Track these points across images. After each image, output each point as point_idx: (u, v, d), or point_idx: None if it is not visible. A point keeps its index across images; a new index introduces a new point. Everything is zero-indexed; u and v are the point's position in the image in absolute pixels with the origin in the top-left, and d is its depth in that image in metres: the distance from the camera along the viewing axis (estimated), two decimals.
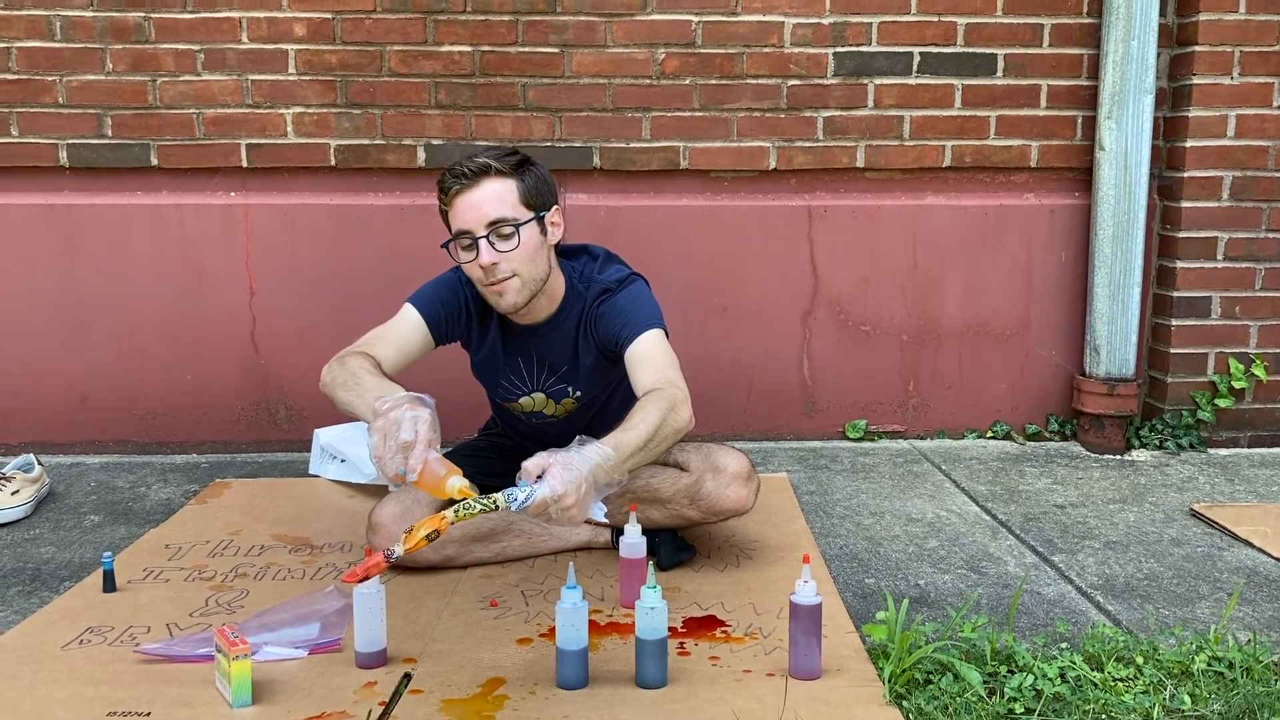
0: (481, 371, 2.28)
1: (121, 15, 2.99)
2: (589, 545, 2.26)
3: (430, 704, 1.60)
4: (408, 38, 3.03)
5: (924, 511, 2.59)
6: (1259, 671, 1.69)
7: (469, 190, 1.98)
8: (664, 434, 1.82)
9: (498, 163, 1.98)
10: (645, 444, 1.78)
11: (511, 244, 1.98)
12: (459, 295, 2.17)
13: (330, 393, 1.94)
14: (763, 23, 3.07)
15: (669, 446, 1.89)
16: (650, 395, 1.89)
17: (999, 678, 1.66)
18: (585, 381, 2.19)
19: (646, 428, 1.79)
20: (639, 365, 2.00)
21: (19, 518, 2.53)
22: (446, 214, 2.04)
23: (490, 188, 1.97)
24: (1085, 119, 3.15)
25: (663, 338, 2.05)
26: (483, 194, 1.97)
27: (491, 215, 1.97)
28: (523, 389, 2.23)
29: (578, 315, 2.15)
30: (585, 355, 2.16)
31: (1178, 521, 2.52)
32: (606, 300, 2.10)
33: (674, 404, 1.87)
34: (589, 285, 2.14)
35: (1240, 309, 3.15)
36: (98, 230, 3.06)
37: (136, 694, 1.63)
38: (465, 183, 1.97)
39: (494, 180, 1.98)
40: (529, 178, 2.02)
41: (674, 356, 2.03)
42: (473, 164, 1.98)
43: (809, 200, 3.17)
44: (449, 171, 2.01)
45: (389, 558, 1.56)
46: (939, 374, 3.26)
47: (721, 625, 1.88)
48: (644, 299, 2.11)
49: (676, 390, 1.91)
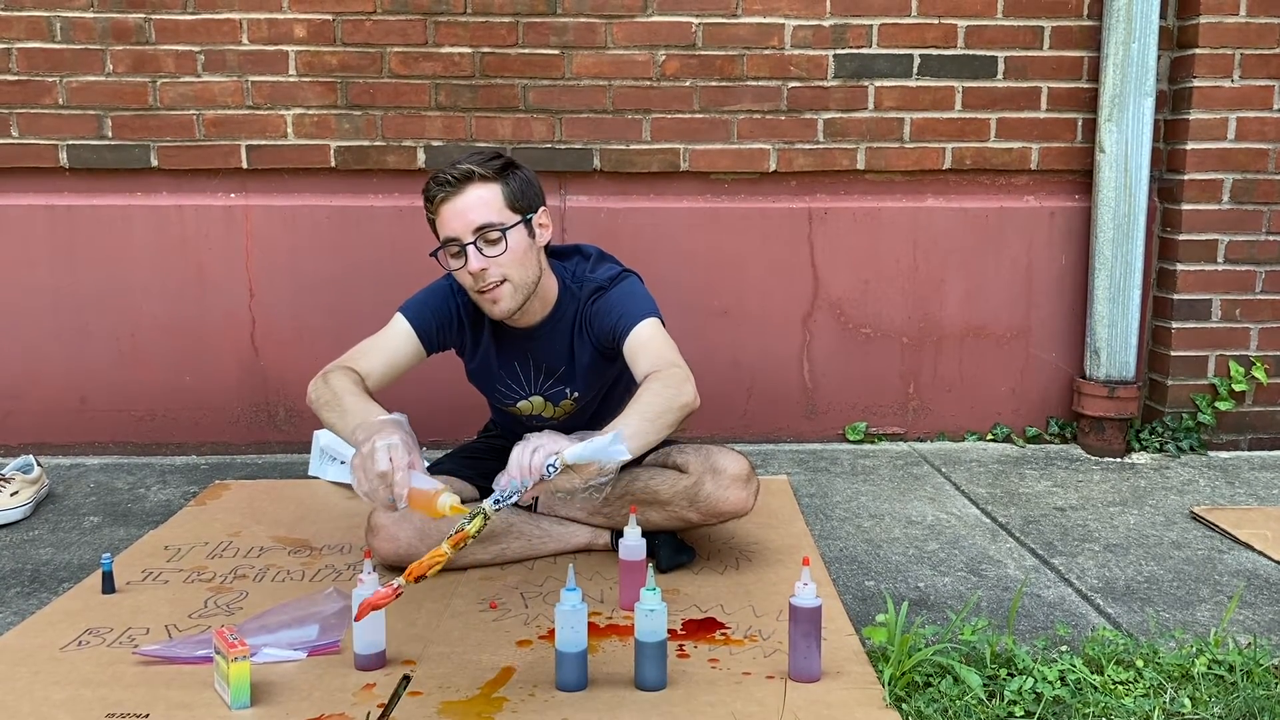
0: (478, 378, 2.28)
1: (122, 16, 2.99)
2: (588, 547, 2.26)
3: (429, 706, 1.59)
4: (408, 39, 3.03)
5: (924, 514, 2.59)
6: (1259, 675, 1.68)
7: (453, 197, 1.97)
8: (670, 409, 1.82)
9: (481, 168, 1.98)
10: (653, 419, 1.78)
11: (499, 249, 1.97)
12: (450, 304, 2.17)
13: (315, 410, 1.95)
14: (763, 25, 3.07)
15: (677, 422, 1.86)
16: (651, 377, 1.89)
17: (999, 680, 1.66)
18: (583, 381, 2.19)
19: (647, 405, 1.80)
20: (638, 354, 2.00)
21: (18, 519, 2.53)
22: (434, 222, 2.03)
23: (475, 193, 1.97)
24: (1086, 121, 3.15)
25: (659, 325, 2.05)
26: (467, 200, 1.97)
27: (477, 221, 1.96)
28: (520, 393, 2.23)
29: (572, 315, 2.15)
30: (582, 355, 2.16)
31: (1178, 524, 2.52)
32: (600, 298, 2.10)
33: (677, 382, 1.87)
34: (582, 285, 2.14)
35: (1241, 312, 3.15)
36: (98, 231, 3.06)
37: (135, 695, 1.63)
38: (449, 190, 1.97)
39: (478, 186, 1.97)
40: (514, 181, 2.01)
41: (672, 341, 2.03)
42: (456, 171, 1.97)
43: (809, 202, 3.17)
44: (433, 180, 2.00)
45: (398, 591, 1.57)
46: (939, 376, 3.25)
47: (721, 627, 1.88)
48: (638, 292, 2.11)
49: (677, 369, 1.91)
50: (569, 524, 2.26)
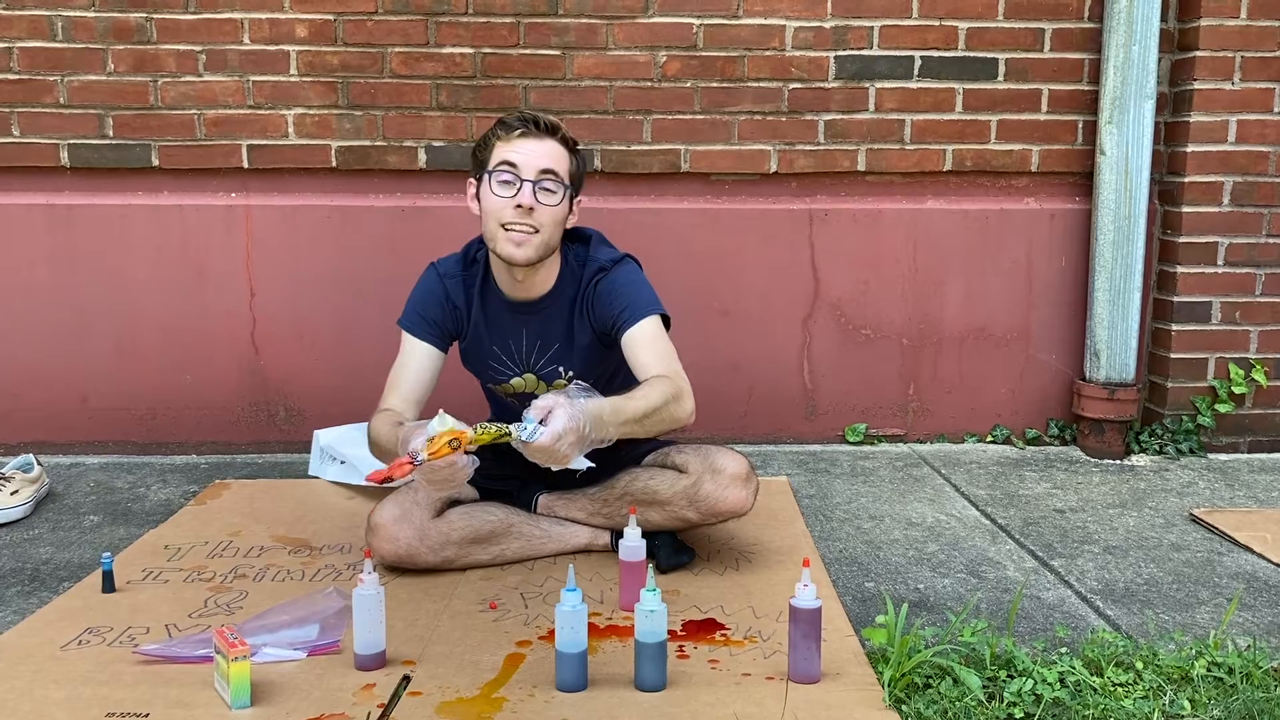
0: (469, 356, 2.27)
1: (123, 16, 2.99)
2: (588, 548, 2.26)
3: (429, 706, 1.60)
4: (409, 39, 3.03)
5: (924, 515, 2.59)
6: (1258, 677, 1.69)
7: (535, 138, 2.06)
8: (662, 417, 1.92)
9: (564, 132, 2.10)
10: (641, 417, 1.88)
11: (555, 198, 2.06)
12: (437, 291, 2.21)
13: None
14: (764, 26, 3.08)
15: (662, 431, 1.97)
16: (660, 379, 1.97)
17: (998, 682, 1.66)
18: (579, 361, 2.20)
19: (647, 403, 1.89)
20: (640, 349, 2.06)
21: (18, 518, 2.53)
22: (490, 149, 2.08)
23: (554, 146, 2.08)
24: (1086, 124, 3.15)
25: (661, 326, 2.11)
26: (546, 146, 2.07)
27: (547, 166, 2.05)
28: (513, 369, 2.23)
29: (573, 293, 2.18)
30: (581, 335, 2.18)
31: (1177, 526, 2.52)
32: (603, 279, 2.14)
33: (680, 395, 1.96)
34: (584, 264, 2.18)
35: (1240, 314, 3.16)
36: (99, 231, 3.06)
37: (135, 695, 1.63)
38: (535, 131, 2.06)
39: (558, 143, 2.09)
40: (578, 159, 2.15)
41: (673, 346, 2.10)
42: (544, 119, 2.08)
43: (810, 204, 3.17)
44: (517, 116, 2.08)
45: (415, 460, 1.63)
46: (939, 378, 3.26)
47: (721, 628, 1.88)
48: (641, 282, 2.16)
49: (683, 383, 2.00)
50: (569, 524, 2.26)
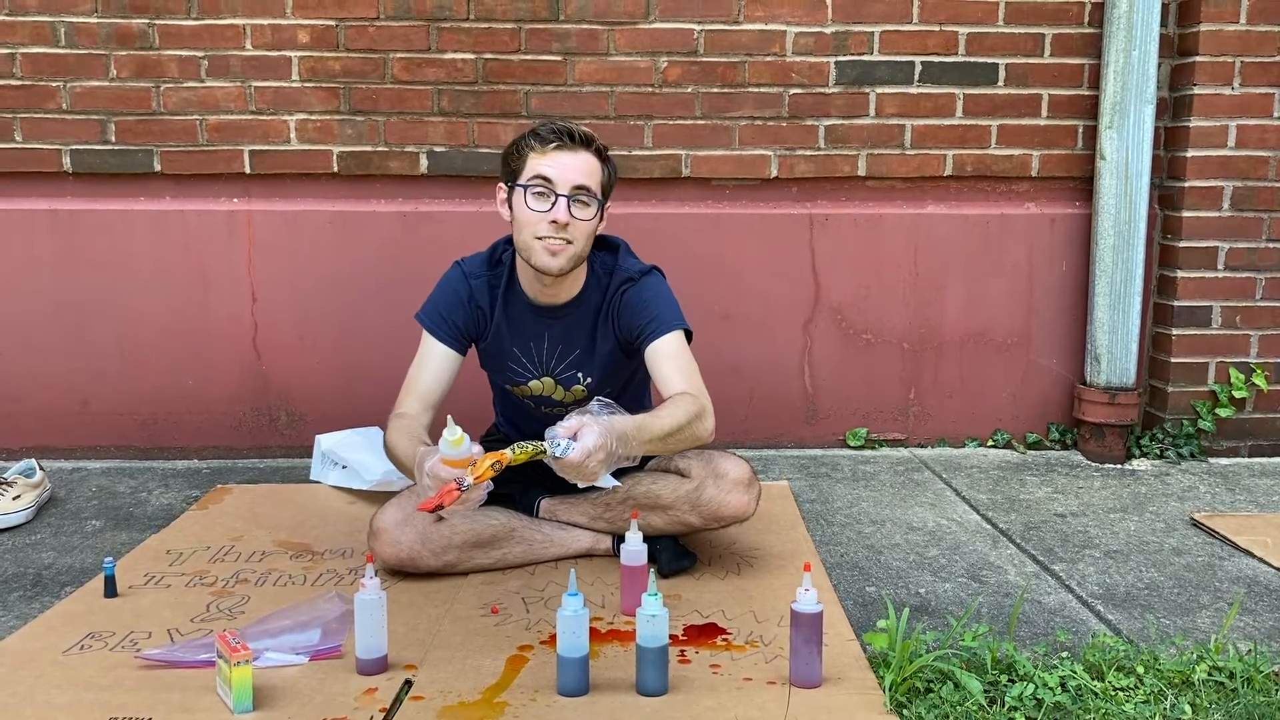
0: (489, 356, 2.28)
1: (125, 21, 3.00)
2: (590, 552, 2.26)
3: (431, 710, 1.60)
4: (411, 45, 3.04)
5: (925, 520, 2.59)
6: (1259, 681, 1.69)
7: (571, 151, 2.06)
8: (685, 435, 1.94)
9: (598, 143, 2.10)
10: (665, 435, 1.89)
11: (589, 213, 2.07)
12: (461, 291, 2.21)
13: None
14: (765, 31, 3.08)
15: (684, 449, 2.00)
16: (685, 397, 1.99)
17: (1000, 687, 1.66)
18: (598, 368, 2.21)
19: (673, 422, 1.91)
20: (664, 363, 2.08)
21: (20, 522, 2.53)
22: (523, 159, 2.08)
23: (588, 159, 2.08)
24: (1086, 128, 3.16)
25: (684, 341, 2.13)
26: (581, 160, 2.07)
27: (582, 181, 2.06)
28: (532, 372, 2.23)
29: (599, 301, 2.19)
30: (603, 342, 2.19)
31: (1178, 531, 2.52)
32: (630, 289, 2.16)
33: (703, 414, 1.99)
34: (610, 273, 2.19)
35: (1241, 318, 3.16)
36: (101, 236, 3.07)
37: (137, 699, 1.63)
38: (570, 143, 2.06)
39: (592, 155, 2.09)
40: (609, 169, 2.14)
41: (695, 362, 2.12)
42: (579, 131, 2.08)
43: (810, 208, 3.18)
44: (551, 127, 2.08)
45: (461, 486, 1.64)
46: (940, 382, 3.26)
47: (722, 633, 1.88)
48: (668, 294, 2.18)
49: (707, 402, 2.02)
50: (570, 529, 2.26)
